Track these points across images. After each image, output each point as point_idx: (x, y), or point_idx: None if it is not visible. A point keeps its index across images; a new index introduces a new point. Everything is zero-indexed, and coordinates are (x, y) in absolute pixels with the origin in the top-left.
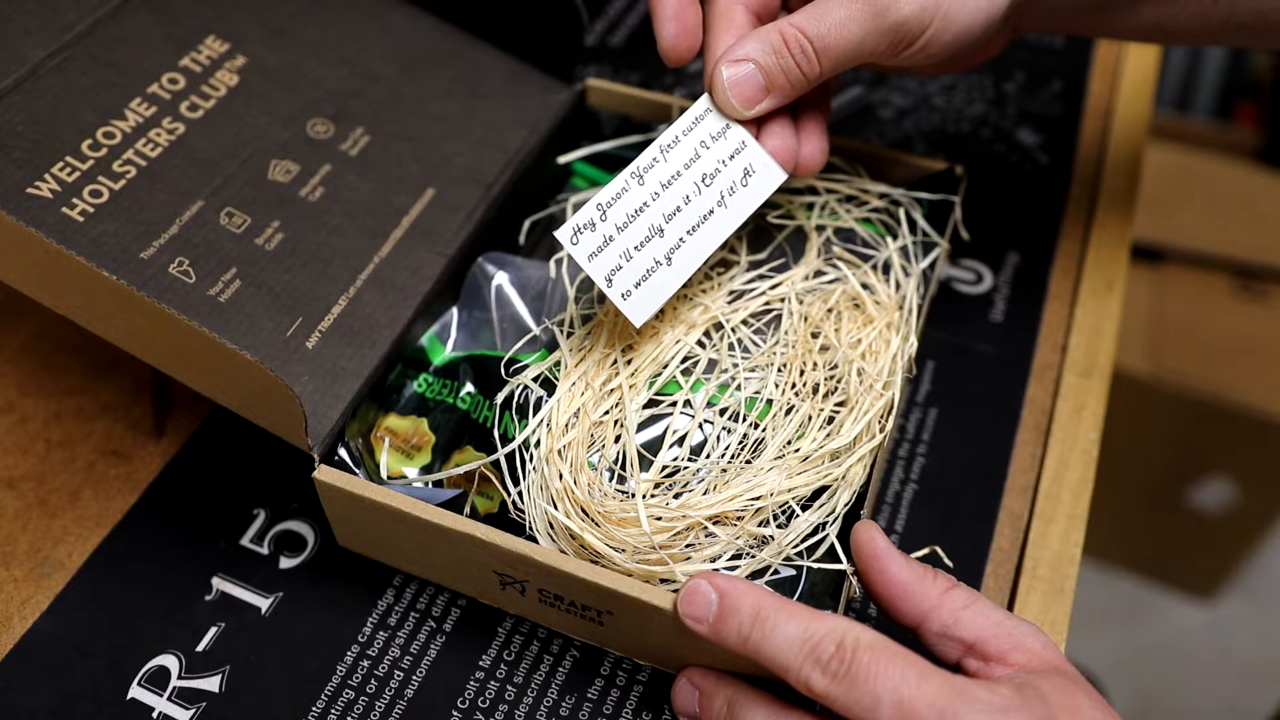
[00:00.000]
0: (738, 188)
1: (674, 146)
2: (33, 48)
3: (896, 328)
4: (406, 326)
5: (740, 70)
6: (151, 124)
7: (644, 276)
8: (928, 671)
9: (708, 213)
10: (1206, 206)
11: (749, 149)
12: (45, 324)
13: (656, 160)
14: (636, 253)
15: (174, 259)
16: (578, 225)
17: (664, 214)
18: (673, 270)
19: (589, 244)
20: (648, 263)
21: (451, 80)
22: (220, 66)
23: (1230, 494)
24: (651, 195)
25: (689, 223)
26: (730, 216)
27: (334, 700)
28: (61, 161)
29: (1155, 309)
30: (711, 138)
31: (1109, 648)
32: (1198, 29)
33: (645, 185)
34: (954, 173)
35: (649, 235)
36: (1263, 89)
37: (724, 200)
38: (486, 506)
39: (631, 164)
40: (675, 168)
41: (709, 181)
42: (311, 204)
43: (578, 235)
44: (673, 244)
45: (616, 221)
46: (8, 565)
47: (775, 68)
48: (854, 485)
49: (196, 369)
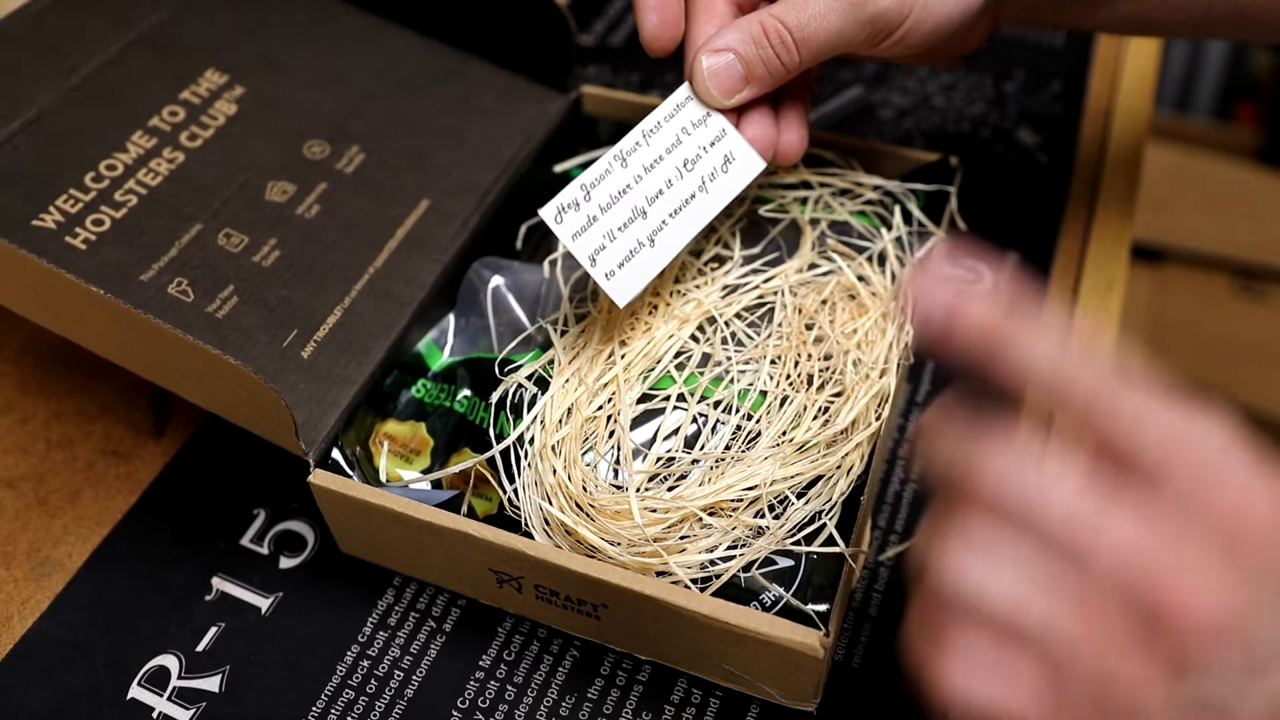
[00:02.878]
0: (718, 174)
1: (656, 131)
2: (40, 91)
3: (892, 318)
4: (402, 333)
5: (720, 60)
6: (152, 154)
7: (627, 257)
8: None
9: (689, 197)
10: (1206, 206)
11: (729, 137)
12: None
13: (639, 144)
14: (620, 233)
15: (173, 279)
16: (561, 204)
17: (646, 196)
18: (655, 252)
19: (573, 223)
20: (631, 244)
21: (446, 97)
22: (219, 97)
23: None
24: (635, 178)
25: (671, 206)
26: (711, 202)
27: (334, 700)
28: (65, 194)
29: (1155, 309)
30: (693, 124)
31: None
32: (1177, 21)
33: (629, 168)
34: (948, 163)
35: (632, 216)
36: (1263, 89)
37: (705, 186)
38: (485, 508)
39: (614, 146)
40: (658, 152)
41: (690, 167)
42: (308, 221)
43: (561, 214)
44: (655, 226)
45: (600, 202)
46: (8, 565)
47: (755, 58)
48: (852, 474)
49: (190, 380)
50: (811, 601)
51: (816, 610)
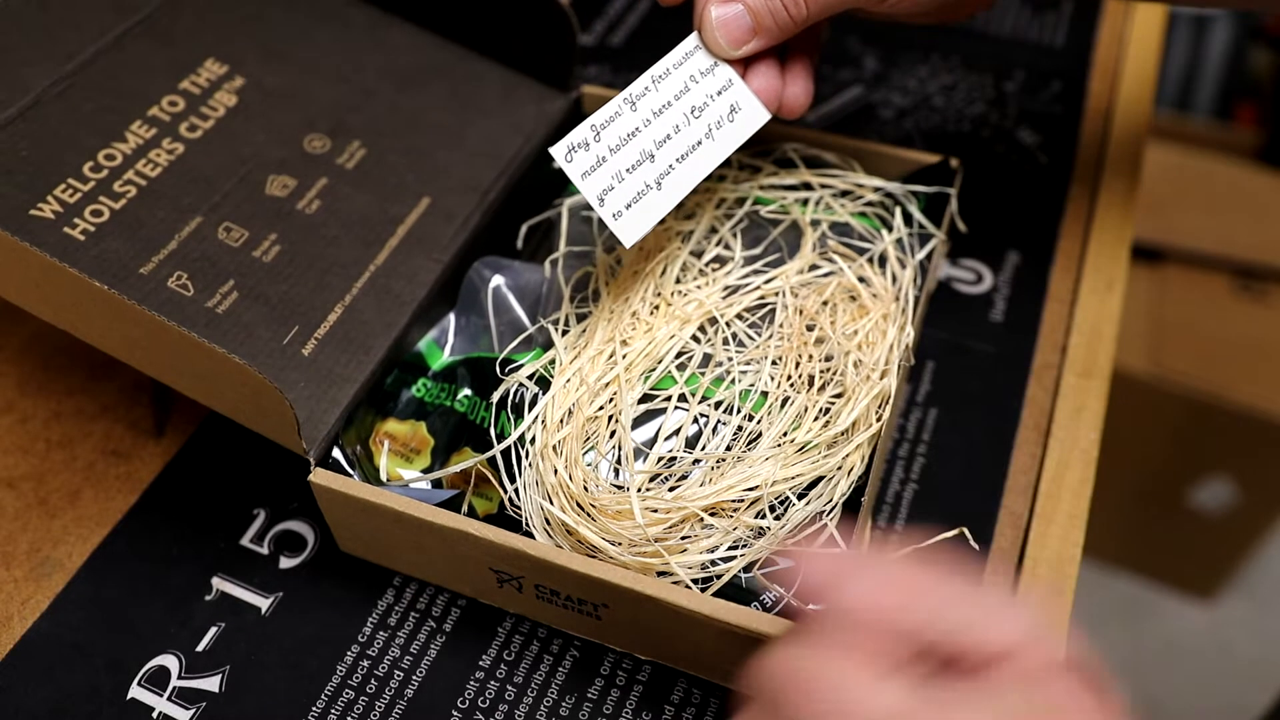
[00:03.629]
0: (725, 123)
1: (665, 78)
2: (36, 77)
3: (893, 319)
4: (403, 332)
5: (729, 11)
6: (151, 145)
7: (635, 198)
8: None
9: (696, 143)
10: (1206, 206)
11: (735, 86)
12: (46, 324)
13: (648, 89)
14: (628, 175)
15: (173, 273)
16: (572, 144)
17: (655, 140)
18: (663, 194)
19: (582, 162)
20: (639, 185)
21: (447, 93)
22: (219, 88)
23: (1230, 494)
24: (644, 121)
25: (678, 151)
26: (717, 149)
27: (334, 700)
28: (64, 184)
29: (1155, 309)
30: (700, 73)
31: (1108, 648)
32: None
33: (638, 112)
34: (949, 165)
35: (640, 159)
36: (1263, 89)
37: (711, 133)
38: (485, 507)
39: (624, 90)
40: (666, 98)
41: (698, 114)
42: (308, 216)
43: (572, 153)
44: (663, 169)
45: (609, 143)
46: (8, 565)
47: (763, 9)
48: (852, 475)
49: (191, 377)
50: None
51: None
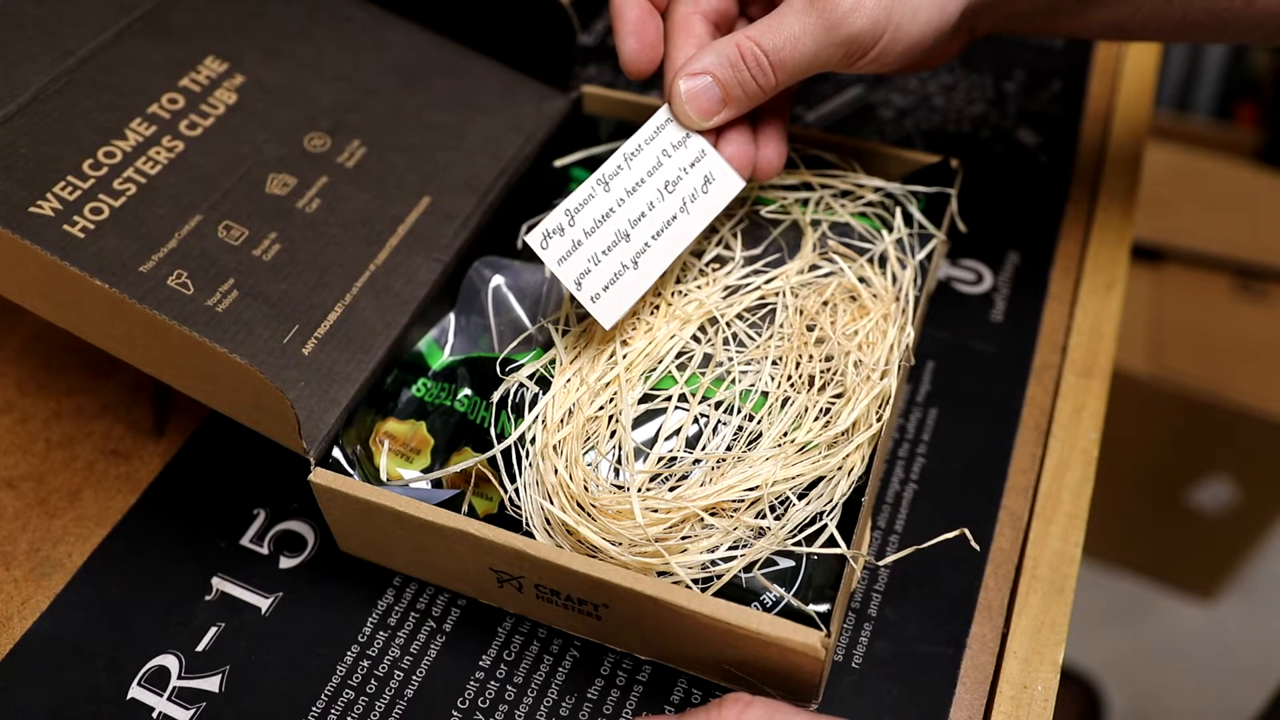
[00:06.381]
0: (699, 194)
1: (637, 155)
2: (35, 73)
3: (893, 319)
4: (403, 332)
5: (698, 83)
6: (151, 143)
7: (612, 280)
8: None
9: (671, 218)
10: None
11: (708, 157)
12: (45, 324)
13: (621, 168)
14: (604, 256)
15: (173, 271)
16: (547, 230)
17: (629, 219)
18: (639, 274)
19: (559, 248)
20: (615, 266)
21: (447, 92)
22: (219, 86)
23: (1230, 494)
24: (617, 201)
25: (653, 228)
26: (693, 222)
27: (334, 700)
28: (63, 181)
29: (1155, 309)
30: (673, 146)
31: (1108, 648)
32: (1155, 28)
33: (611, 192)
34: (949, 165)
35: (615, 240)
36: (1263, 89)
37: (686, 207)
38: (485, 507)
39: (597, 171)
40: (639, 175)
41: (671, 189)
42: (308, 215)
43: (547, 240)
44: (638, 248)
45: (584, 226)
46: (8, 565)
47: (732, 80)
48: (852, 475)
49: (192, 376)
50: (812, 602)
51: (817, 611)
